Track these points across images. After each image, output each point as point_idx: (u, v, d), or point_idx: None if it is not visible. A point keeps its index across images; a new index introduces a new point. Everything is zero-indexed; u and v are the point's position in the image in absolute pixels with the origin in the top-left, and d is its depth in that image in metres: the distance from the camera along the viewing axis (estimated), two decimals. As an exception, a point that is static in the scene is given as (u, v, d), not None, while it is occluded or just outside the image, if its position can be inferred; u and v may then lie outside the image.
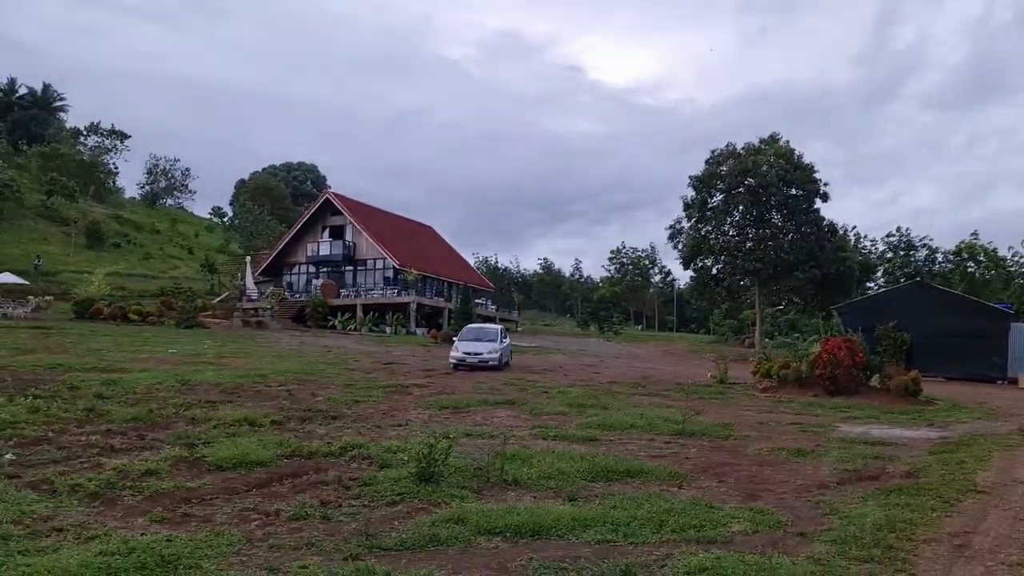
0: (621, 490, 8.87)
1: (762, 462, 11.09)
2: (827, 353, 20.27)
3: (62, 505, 7.78)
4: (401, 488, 8.64)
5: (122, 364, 23.24)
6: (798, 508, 8.10)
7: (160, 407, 14.92)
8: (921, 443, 13.24)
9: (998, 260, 59.95)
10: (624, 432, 13.79)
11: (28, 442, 11.16)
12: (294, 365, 25.51)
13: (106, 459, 10.33)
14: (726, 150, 42.84)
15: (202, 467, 9.93)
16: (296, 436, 12.48)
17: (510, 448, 10.63)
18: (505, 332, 29.14)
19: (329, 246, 52.73)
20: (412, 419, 15.13)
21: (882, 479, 9.87)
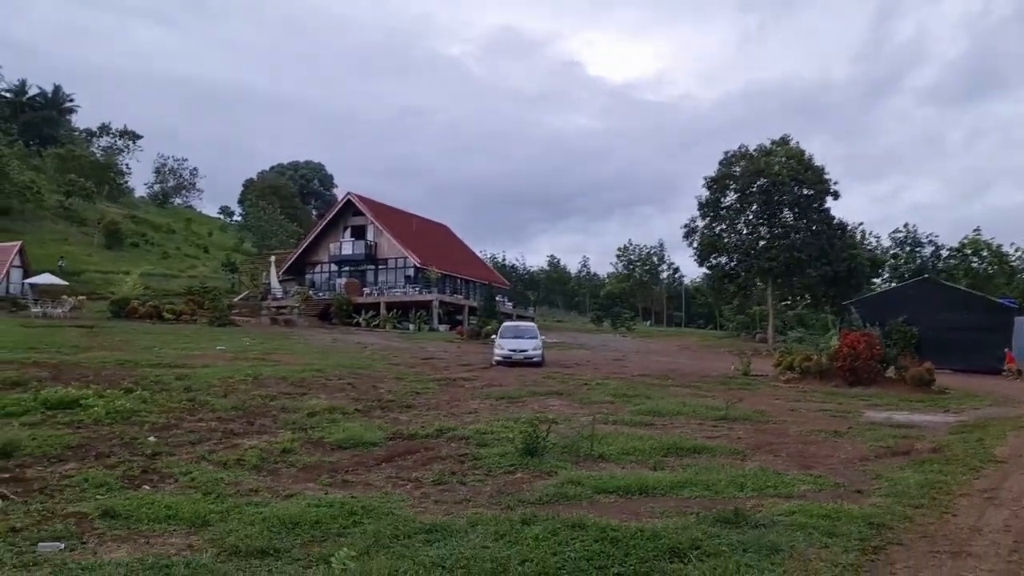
0: (694, 462, 10.44)
1: (805, 441, 12.66)
2: (847, 346, 21.85)
3: (238, 475, 9.35)
4: (510, 461, 10.20)
5: (181, 360, 24.70)
6: (848, 475, 9.68)
7: (248, 399, 16.44)
8: (941, 426, 14.81)
9: (1001, 256, 61.51)
10: (673, 418, 15.34)
11: (159, 428, 12.74)
12: (341, 360, 26.99)
13: (237, 441, 11.94)
14: (739, 151, 44.46)
15: (326, 447, 11.51)
16: (385, 422, 14.06)
17: (585, 430, 12.20)
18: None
19: (351, 246, 54.31)
20: (477, 408, 16.64)
21: (912, 454, 11.44)
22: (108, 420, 12.99)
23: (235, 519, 7.14)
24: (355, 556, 5.80)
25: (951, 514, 7.36)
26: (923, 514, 7.31)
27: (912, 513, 7.31)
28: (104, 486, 8.43)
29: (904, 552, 6.03)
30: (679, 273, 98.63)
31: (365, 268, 54.28)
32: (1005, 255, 62.39)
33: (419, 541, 6.32)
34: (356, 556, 5.81)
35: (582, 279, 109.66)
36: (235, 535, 6.54)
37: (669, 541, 6.11)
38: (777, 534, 6.33)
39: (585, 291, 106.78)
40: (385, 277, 53.67)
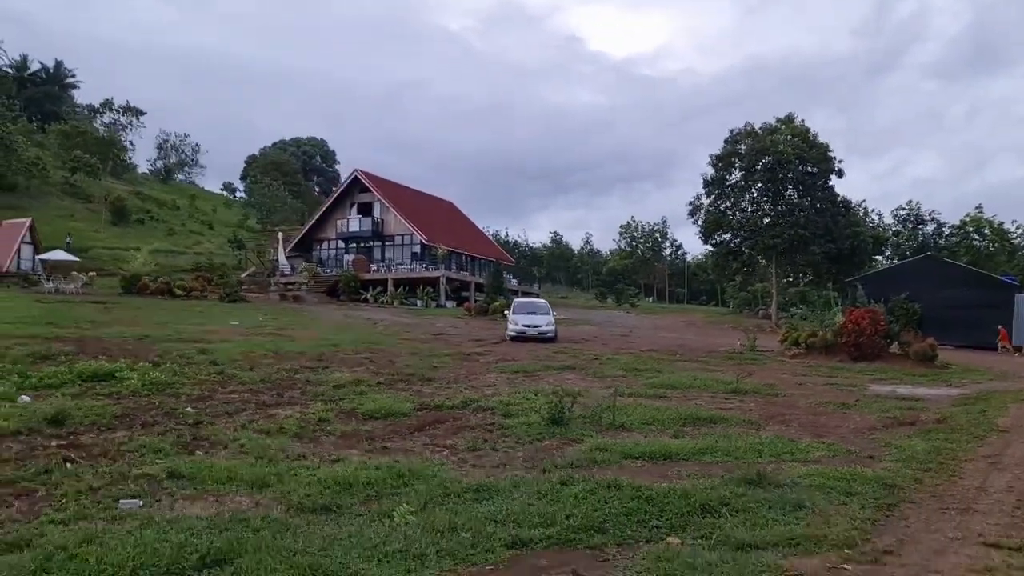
0: (711, 431, 10.98)
1: (815, 412, 13.21)
2: (852, 323, 22.37)
3: (282, 442, 9.88)
4: (537, 430, 10.75)
5: (198, 335, 25.16)
6: (859, 442, 10.22)
7: (273, 372, 16.95)
8: (944, 398, 15.36)
9: (1003, 233, 61.90)
10: (686, 391, 15.88)
11: (194, 399, 13.28)
12: (355, 336, 27.50)
13: (272, 411, 12.49)
14: (744, 129, 44.72)
15: (359, 417, 12.06)
16: (409, 394, 14.60)
17: (605, 402, 12.73)
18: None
19: (358, 222, 54.67)
20: (495, 381, 17.18)
21: (918, 424, 11.99)
22: (145, 392, 13.51)
23: (291, 481, 7.68)
24: (413, 511, 6.35)
25: (958, 477, 7.90)
26: (932, 477, 7.85)
27: (921, 476, 7.85)
28: (161, 451, 8.96)
29: (916, 509, 6.57)
30: (682, 250, 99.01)
31: (372, 245, 54.69)
32: (1006, 232, 62.78)
33: (468, 499, 6.86)
34: (414, 512, 6.36)
35: (585, 255, 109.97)
36: (296, 494, 7.08)
37: (700, 499, 6.65)
38: (798, 493, 6.87)
39: (588, 268, 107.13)
40: (392, 254, 54.12)
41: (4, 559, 5.23)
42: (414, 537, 5.67)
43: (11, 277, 46.94)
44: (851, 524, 5.97)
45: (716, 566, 4.98)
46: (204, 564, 5.10)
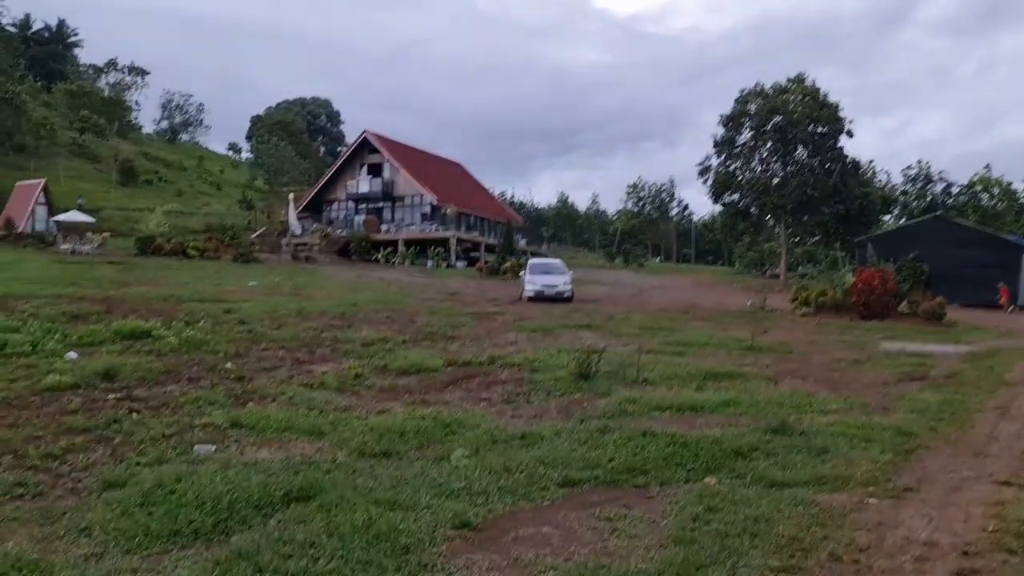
0: (731, 386, 11.50)
1: (829, 368, 13.73)
2: (862, 282, 22.82)
3: (327, 396, 10.43)
4: (565, 385, 11.27)
5: (219, 295, 25.67)
6: (873, 396, 10.74)
7: (300, 331, 17.47)
8: (953, 356, 15.86)
9: (1011, 193, 61.91)
10: (701, 348, 16.39)
11: (231, 356, 13.82)
12: (371, 296, 28.00)
13: (308, 367, 13.04)
14: (754, 89, 44.64)
15: (392, 372, 12.60)
16: (435, 351, 15.12)
17: (629, 358, 13.23)
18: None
19: (368, 183, 54.89)
20: (516, 339, 17.69)
21: (928, 379, 12.50)
22: (183, 349, 14.04)
23: (345, 430, 8.23)
24: (468, 456, 6.89)
25: (969, 426, 8.42)
26: (945, 426, 8.37)
27: (935, 425, 8.37)
28: (216, 403, 9.51)
29: (932, 454, 7.09)
30: (688, 210, 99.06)
31: (382, 205, 54.99)
32: (1014, 192, 62.78)
33: (515, 445, 7.40)
34: (468, 456, 6.90)
35: (591, 216, 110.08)
36: (353, 441, 7.63)
37: (730, 445, 7.18)
38: (822, 440, 7.40)
39: (595, 228, 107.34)
40: (402, 215, 54.43)
41: (109, 495, 5.79)
42: (474, 477, 6.21)
43: (27, 238, 47.44)
44: (873, 466, 6.50)
45: (753, 500, 5.51)
46: (290, 499, 5.64)
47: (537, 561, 4.55)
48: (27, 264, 34.84)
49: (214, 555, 4.57)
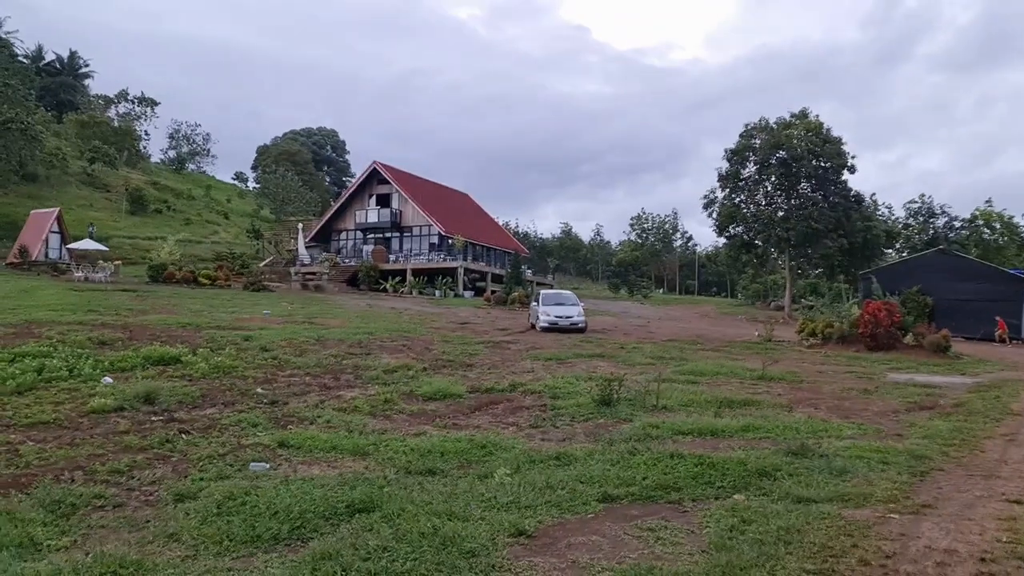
0: (747, 413, 11.93)
1: (839, 397, 14.15)
2: (869, 314, 23.29)
3: (361, 419, 10.88)
4: (588, 411, 11.71)
5: (236, 323, 26.15)
6: (885, 423, 11.17)
7: (321, 358, 17.93)
8: (959, 386, 16.29)
9: (1012, 227, 62.59)
10: (714, 377, 16.81)
11: (260, 381, 14.29)
12: (385, 325, 28.46)
13: (337, 393, 13.49)
14: (759, 124, 45.53)
15: (419, 398, 13.04)
16: (455, 379, 15.56)
17: (650, 386, 13.66)
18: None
19: (377, 213, 55.66)
20: (532, 368, 18.11)
21: (937, 408, 12.92)
22: (213, 375, 14.53)
23: (387, 450, 8.68)
24: (509, 474, 7.34)
25: (979, 451, 8.85)
26: (956, 451, 8.81)
27: (947, 450, 8.81)
28: (258, 426, 9.97)
29: (945, 475, 7.53)
30: (692, 241, 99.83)
31: (390, 235, 55.69)
32: (1016, 226, 63.46)
33: (552, 465, 7.85)
34: (510, 474, 7.35)
35: (595, 247, 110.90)
36: (398, 460, 8.08)
37: (755, 465, 7.63)
38: (841, 462, 7.84)
39: (598, 259, 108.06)
40: (410, 244, 55.10)
41: (184, 506, 6.24)
42: (519, 492, 6.66)
43: (40, 265, 48.11)
44: (891, 485, 6.94)
45: (783, 514, 5.95)
46: (353, 510, 6.09)
47: (593, 563, 5.00)
48: (43, 292, 35.37)
49: (298, 557, 5.03)
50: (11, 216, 66.46)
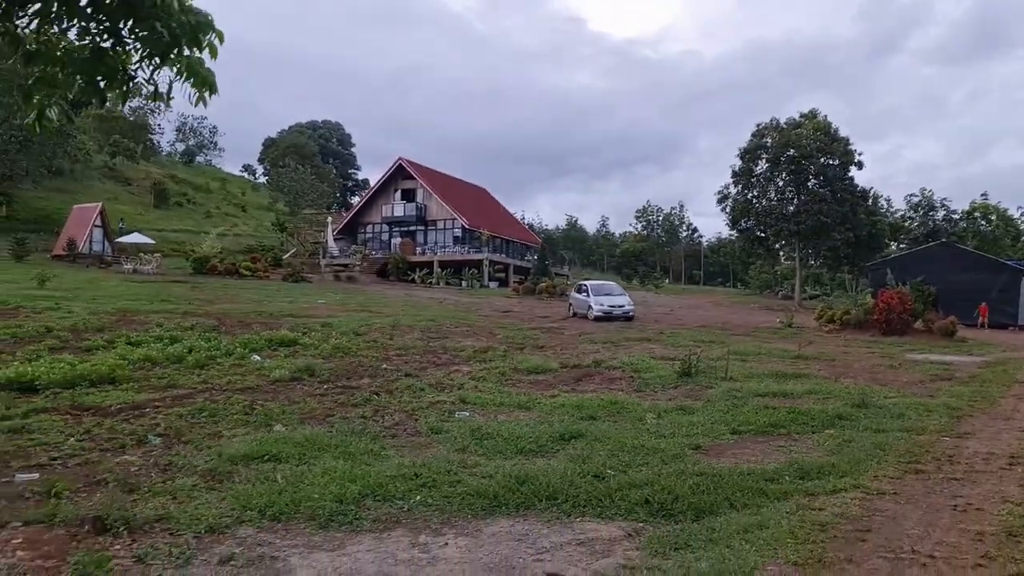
0: (801, 382, 14.53)
1: (871, 372, 16.78)
2: (883, 302, 25.97)
3: (498, 386, 13.43)
4: (672, 380, 14.26)
5: (303, 312, 28.60)
6: (915, 389, 13.79)
7: (410, 342, 20.41)
8: (970, 363, 18.94)
9: (1008, 220, 65.43)
10: (758, 356, 19.39)
11: (380, 360, 16.80)
12: (437, 313, 31.00)
13: (453, 368, 16.03)
14: (770, 123, 48.20)
15: (524, 371, 15.58)
16: (540, 358, 18.10)
17: (718, 362, 16.25)
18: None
19: (403, 208, 58.18)
20: (596, 349, 20.66)
21: (955, 380, 15.54)
22: (338, 354, 17.05)
23: (543, 405, 11.24)
24: (656, 417, 9.95)
25: (997, 406, 11.49)
26: (979, 405, 11.45)
27: (972, 404, 11.44)
28: (424, 390, 12.53)
29: (974, 419, 10.16)
30: (698, 233, 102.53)
31: (415, 228, 58.20)
32: (1011, 219, 66.31)
33: (679, 414, 10.44)
34: (656, 417, 9.96)
35: (600, 238, 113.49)
36: (557, 412, 10.64)
37: (833, 412, 10.24)
38: (896, 410, 10.46)
39: (603, 250, 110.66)
40: (435, 237, 57.64)
41: (440, 436, 8.80)
42: (672, 428, 9.26)
43: (86, 258, 50.39)
44: (938, 423, 9.57)
45: (869, 438, 8.57)
46: (563, 438, 8.66)
47: (755, 461, 7.60)
48: (106, 283, 37.78)
49: (557, 459, 7.60)
50: (44, 210, 68.63)
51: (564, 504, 6.04)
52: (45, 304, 25.31)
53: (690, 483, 6.42)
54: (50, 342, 16.79)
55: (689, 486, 6.33)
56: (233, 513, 5.74)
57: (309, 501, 5.96)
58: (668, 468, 7.04)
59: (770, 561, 4.55)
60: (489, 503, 6.03)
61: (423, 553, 5.06)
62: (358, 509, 5.89)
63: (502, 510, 5.94)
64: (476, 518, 5.78)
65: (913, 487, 6.39)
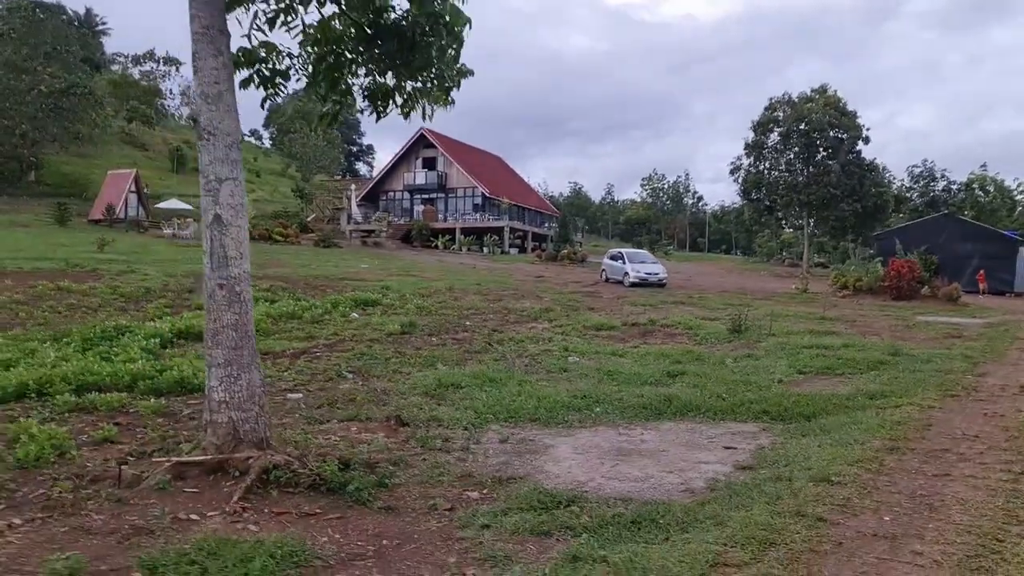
0: (835, 338, 16.94)
1: (892, 330, 19.20)
2: (894, 270, 28.40)
3: (583, 338, 15.79)
4: (724, 336, 16.66)
5: (356, 276, 30.71)
6: (933, 344, 16.22)
7: (475, 304, 22.63)
8: (975, 325, 21.40)
9: (1004, 191, 67.82)
10: (786, 318, 21.73)
11: (461, 318, 19.12)
12: (477, 278, 33.18)
13: (530, 325, 18.38)
14: (782, 98, 50.25)
15: (592, 328, 17.94)
16: (600, 317, 20.46)
17: (761, 321, 18.62)
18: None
19: (424, 176, 60.16)
20: (642, 311, 22.99)
21: (964, 337, 17.99)
22: (422, 313, 19.36)
23: (633, 353, 13.61)
24: (734, 360, 12.37)
25: (1004, 356, 13.94)
26: (989, 355, 13.89)
27: (984, 355, 13.89)
28: (523, 341, 14.90)
29: (988, 364, 12.60)
30: (703, 201, 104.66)
31: (436, 196, 60.26)
32: (1008, 190, 68.71)
33: (748, 359, 12.85)
34: (734, 361, 12.38)
35: (604, 205, 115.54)
36: (649, 357, 13.03)
37: (874, 359, 12.67)
38: (925, 357, 12.90)
39: (607, 217, 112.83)
40: (455, 205, 59.74)
41: (568, 374, 11.19)
42: (750, 370, 11.66)
43: (122, 223, 52.39)
44: (960, 365, 12.01)
45: (909, 376, 10.99)
46: (671, 375, 11.06)
47: (831, 388, 10.03)
48: (156, 248, 39.89)
49: (668, 387, 10.00)
50: (71, 175, 70.33)
51: (707, 413, 8.45)
52: (118, 267, 27.48)
53: (791, 401, 8.84)
54: (162, 301, 19.03)
55: (791, 402, 8.75)
56: (475, 417, 8.12)
57: (523, 411, 8.34)
58: (767, 393, 9.46)
59: (871, 439, 6.95)
60: (653, 412, 8.43)
61: (629, 438, 7.47)
62: (561, 416, 8.28)
63: (665, 416, 8.35)
64: (649, 421, 8.19)
65: (952, 404, 8.82)
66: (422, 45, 6.59)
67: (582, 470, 6.23)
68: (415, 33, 6.50)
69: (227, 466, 5.70)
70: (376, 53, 6.73)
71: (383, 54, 6.69)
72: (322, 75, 6.70)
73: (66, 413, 7.93)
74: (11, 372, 9.50)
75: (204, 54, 5.76)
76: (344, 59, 6.68)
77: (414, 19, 6.30)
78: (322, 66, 6.66)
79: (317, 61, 6.65)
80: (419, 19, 6.33)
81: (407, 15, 6.54)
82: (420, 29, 6.50)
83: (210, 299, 5.99)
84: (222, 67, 5.87)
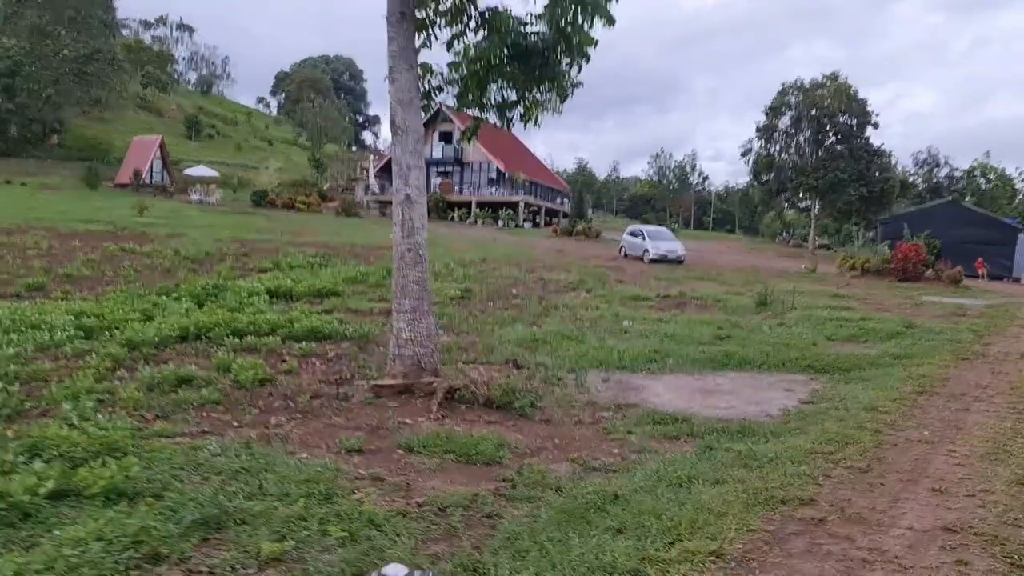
0: (852, 312, 18.65)
1: (901, 308, 20.94)
2: (901, 253, 30.11)
3: (626, 308, 17.48)
4: (752, 308, 18.36)
5: (383, 244, 32.04)
6: (942, 321, 17.96)
7: (511, 274, 24.25)
8: (977, 305, 23.15)
9: (1005, 179, 69.47)
10: (802, 294, 23.46)
11: (506, 288, 20.78)
12: (505, 250, 34.72)
13: (569, 294, 20.07)
14: (794, 83, 51.70)
15: (628, 299, 19.62)
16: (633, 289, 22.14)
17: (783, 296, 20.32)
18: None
19: (441, 149, 61.50)
20: (664, 285, 24.70)
21: (967, 316, 19.71)
22: (470, 281, 21.00)
23: (676, 321, 15.31)
24: (770, 328, 14.09)
25: (1005, 331, 15.68)
26: (991, 331, 15.63)
27: (987, 330, 15.63)
28: (573, 308, 16.57)
29: (991, 337, 14.34)
30: (708, 181, 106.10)
31: (452, 170, 61.65)
32: (1009, 178, 70.38)
33: (781, 328, 14.56)
34: (770, 328, 14.10)
35: (610, 182, 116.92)
36: (691, 325, 14.73)
37: (891, 329, 14.39)
38: (936, 330, 14.63)
39: (612, 193, 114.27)
40: (470, 178, 61.16)
41: (627, 335, 12.90)
42: (786, 336, 13.38)
43: (148, 188, 53.83)
44: (968, 337, 13.75)
45: (925, 344, 12.72)
46: (719, 339, 12.77)
47: (861, 349, 11.75)
48: (188, 213, 41.37)
49: (719, 347, 11.71)
50: (92, 139, 71.46)
51: (761, 366, 10.18)
52: (164, 231, 29.05)
53: (830, 358, 10.57)
54: (225, 264, 20.57)
55: (831, 359, 10.48)
56: (575, 364, 9.81)
57: (610, 360, 10.04)
58: (807, 352, 11.18)
59: (903, 386, 8.68)
60: (717, 364, 10.15)
61: (705, 382, 9.18)
62: (642, 365, 9.99)
63: (728, 367, 10.06)
64: (715, 371, 9.90)
65: (964, 365, 10.56)
66: (551, 62, 8.19)
67: (681, 401, 7.95)
68: (547, 52, 8.09)
69: (414, 388, 7.40)
70: (513, 70, 8.32)
71: (520, 70, 8.28)
72: (471, 89, 8.27)
73: (233, 352, 9.57)
74: (153, 322, 11.11)
75: (400, 68, 7.36)
76: (490, 75, 8.26)
77: (554, 40, 7.89)
78: (473, 81, 8.23)
79: (470, 76, 8.23)
80: (557, 39, 7.92)
81: (542, 36, 8.12)
82: (551, 49, 8.09)
83: (400, 260, 7.64)
84: (413, 79, 7.48)
